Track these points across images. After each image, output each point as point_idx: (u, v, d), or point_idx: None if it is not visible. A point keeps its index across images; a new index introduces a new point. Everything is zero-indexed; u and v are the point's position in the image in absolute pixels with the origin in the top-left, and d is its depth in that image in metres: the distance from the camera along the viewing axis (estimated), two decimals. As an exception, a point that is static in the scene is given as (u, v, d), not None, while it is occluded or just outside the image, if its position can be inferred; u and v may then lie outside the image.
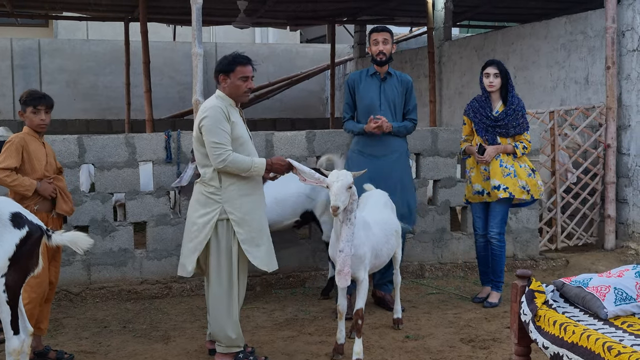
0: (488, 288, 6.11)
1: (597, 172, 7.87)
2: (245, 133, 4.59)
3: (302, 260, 6.61)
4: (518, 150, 5.83)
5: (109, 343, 5.20)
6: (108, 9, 12.76)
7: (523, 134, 5.87)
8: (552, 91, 9.01)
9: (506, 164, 5.81)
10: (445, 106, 11.75)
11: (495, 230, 5.93)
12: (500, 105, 5.87)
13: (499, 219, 5.92)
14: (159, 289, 6.36)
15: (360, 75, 5.93)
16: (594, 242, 7.99)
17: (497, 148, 5.82)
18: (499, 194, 5.78)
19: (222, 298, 4.56)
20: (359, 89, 5.85)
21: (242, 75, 4.54)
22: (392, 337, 5.25)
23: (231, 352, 4.61)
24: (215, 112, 4.43)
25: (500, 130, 5.85)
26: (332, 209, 4.30)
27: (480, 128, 5.92)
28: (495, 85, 5.82)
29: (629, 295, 3.54)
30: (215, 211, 4.48)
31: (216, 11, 12.77)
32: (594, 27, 8.29)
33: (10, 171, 4.56)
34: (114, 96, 15.69)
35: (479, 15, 14.18)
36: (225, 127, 4.42)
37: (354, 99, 5.90)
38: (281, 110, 16.85)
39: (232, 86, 4.55)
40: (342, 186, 4.33)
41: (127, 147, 6.30)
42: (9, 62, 15.98)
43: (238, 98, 4.61)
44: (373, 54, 5.83)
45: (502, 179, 5.79)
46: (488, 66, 5.88)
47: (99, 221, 6.28)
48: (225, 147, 4.39)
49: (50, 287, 4.75)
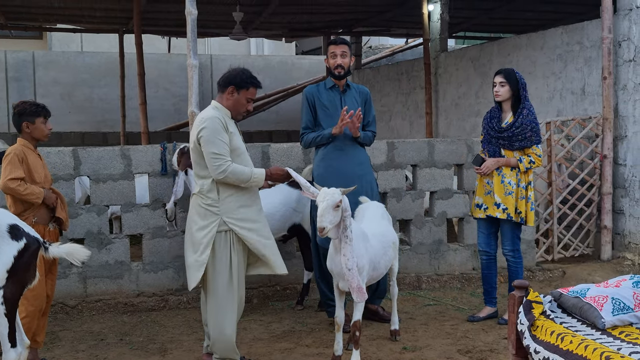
0: (489, 308, 5.93)
1: (594, 183, 7.88)
2: (242, 145, 4.60)
3: (299, 272, 6.58)
4: (522, 164, 5.59)
5: (106, 356, 5.17)
6: (102, 20, 12.80)
7: (532, 148, 5.62)
8: (548, 102, 9.03)
9: (509, 180, 5.63)
10: (442, 118, 11.76)
11: (508, 247, 5.75)
12: (510, 116, 5.66)
13: (509, 235, 5.72)
14: (155, 302, 6.33)
15: (317, 88, 5.67)
16: (591, 253, 7.98)
17: (498, 161, 5.65)
18: (497, 214, 5.67)
19: (219, 309, 4.54)
20: (319, 102, 5.60)
21: (250, 96, 4.58)
22: (389, 348, 5.23)
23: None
24: (214, 123, 4.42)
25: (503, 142, 5.65)
26: (318, 230, 4.27)
27: (485, 139, 5.81)
28: (502, 94, 5.64)
29: (626, 305, 3.54)
30: (214, 223, 4.47)
31: (211, 23, 12.82)
32: (591, 38, 8.31)
33: (20, 181, 4.57)
34: (109, 108, 15.68)
35: (474, 26, 14.25)
36: (223, 137, 4.42)
37: (314, 113, 5.63)
38: (277, 122, 16.85)
39: (237, 102, 4.56)
40: (328, 206, 4.25)
41: (122, 159, 6.28)
42: (3, 75, 15.95)
43: (236, 115, 4.62)
44: (331, 67, 5.60)
45: (503, 197, 5.64)
46: (495, 75, 5.73)
47: (95, 234, 6.26)
48: (225, 158, 4.39)
49: (46, 300, 4.73)
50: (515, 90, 5.64)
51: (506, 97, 5.66)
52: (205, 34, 14.49)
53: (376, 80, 14.43)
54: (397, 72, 13.65)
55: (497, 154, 5.71)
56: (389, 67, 14.12)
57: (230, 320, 4.55)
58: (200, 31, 13.73)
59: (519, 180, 5.64)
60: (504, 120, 5.72)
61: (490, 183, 5.74)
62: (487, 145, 5.79)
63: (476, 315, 5.95)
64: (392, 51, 16.04)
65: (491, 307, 5.94)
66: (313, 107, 5.63)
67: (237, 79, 4.54)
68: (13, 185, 4.54)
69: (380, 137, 13.88)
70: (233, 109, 4.58)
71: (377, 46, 17.68)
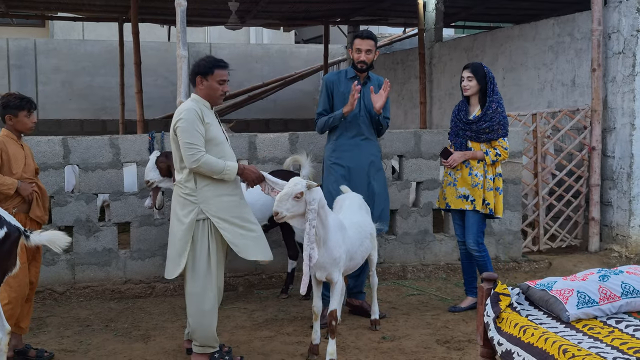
0: (470, 299, 5.99)
1: (582, 175, 7.92)
2: (220, 134, 4.66)
3: (286, 261, 6.65)
4: (488, 157, 5.68)
5: (90, 342, 5.27)
6: (102, 9, 12.82)
7: (498, 140, 5.71)
8: (539, 93, 9.05)
9: (476, 172, 5.71)
10: (436, 107, 11.79)
11: (471, 239, 5.80)
12: (477, 109, 5.75)
13: (475, 228, 5.79)
14: (142, 289, 6.42)
15: (338, 76, 5.71)
16: (578, 245, 8.04)
17: (465, 154, 5.73)
18: (465, 206, 5.74)
19: (198, 297, 4.62)
20: (337, 90, 5.65)
21: (219, 79, 4.63)
22: (368, 338, 5.30)
23: (206, 352, 4.66)
24: (190, 114, 4.50)
25: (470, 134, 5.73)
26: (273, 212, 4.38)
27: (452, 131, 5.90)
28: (470, 88, 5.72)
29: (591, 298, 3.59)
30: (193, 212, 4.55)
31: (208, 12, 12.82)
32: (581, 29, 8.33)
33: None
34: (109, 96, 15.74)
35: (472, 16, 14.22)
36: (199, 128, 4.50)
37: (332, 101, 5.69)
38: (275, 111, 16.89)
39: (209, 89, 4.63)
40: (286, 194, 4.36)
41: (111, 148, 6.36)
42: (5, 62, 16.02)
43: (214, 101, 4.69)
44: (355, 60, 5.64)
45: (470, 188, 5.72)
46: (463, 69, 5.82)
47: (83, 221, 6.35)
48: (199, 148, 4.47)
49: (30, 287, 4.81)
50: (482, 84, 5.72)
51: (474, 91, 5.75)
52: (202, 22, 14.51)
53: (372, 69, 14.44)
54: (392, 61, 13.67)
55: (463, 146, 5.80)
56: (384, 57, 14.14)
57: (209, 308, 4.62)
58: (197, 20, 13.81)
59: (485, 172, 5.72)
60: (471, 113, 5.81)
61: (452, 174, 5.82)
62: (454, 138, 5.88)
63: (457, 305, 6.02)
64: (390, 40, 16.02)
65: (473, 297, 5.99)
66: (331, 94, 5.67)
67: (201, 68, 4.63)
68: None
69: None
70: (209, 97, 4.66)
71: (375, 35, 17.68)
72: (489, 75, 5.76)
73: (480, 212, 5.73)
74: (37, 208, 4.82)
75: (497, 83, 5.88)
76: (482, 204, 5.70)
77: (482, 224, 5.84)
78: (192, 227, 4.56)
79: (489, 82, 5.73)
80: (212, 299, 4.64)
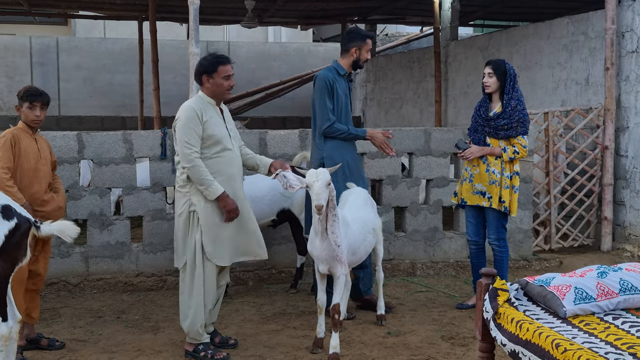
0: None
1: (595, 174, 7.90)
2: (220, 131, 4.73)
3: (295, 256, 6.72)
4: (505, 154, 5.63)
5: (101, 332, 5.39)
6: (122, 8, 13.00)
7: (517, 138, 5.66)
8: (553, 92, 9.04)
9: (494, 169, 5.69)
10: (451, 106, 11.80)
11: (493, 236, 5.80)
12: (498, 106, 5.72)
13: (494, 224, 5.78)
14: (154, 282, 6.54)
15: (333, 75, 5.63)
16: (591, 244, 8.02)
17: (483, 149, 5.70)
18: (483, 202, 5.73)
19: (185, 289, 4.77)
20: (335, 89, 5.59)
21: (224, 74, 4.72)
22: (374, 332, 5.36)
23: (192, 342, 4.82)
24: (188, 112, 4.63)
25: (489, 130, 5.70)
26: (316, 208, 4.40)
27: (472, 127, 5.90)
28: (490, 85, 5.69)
29: (589, 294, 3.60)
30: (186, 204, 4.70)
31: (227, 10, 12.95)
32: (595, 28, 8.30)
33: (11, 174, 4.69)
34: (129, 93, 15.94)
35: (490, 14, 14.20)
36: (196, 127, 4.60)
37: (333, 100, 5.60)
38: (292, 109, 16.98)
39: (215, 85, 4.73)
40: (322, 185, 4.41)
41: (124, 144, 6.47)
42: (27, 60, 16.29)
43: (221, 96, 4.79)
44: (361, 59, 5.68)
45: (487, 185, 5.70)
46: (485, 66, 5.80)
47: (97, 215, 6.47)
48: (194, 148, 4.59)
49: (39, 278, 4.92)
50: (502, 81, 5.68)
51: (495, 88, 5.72)
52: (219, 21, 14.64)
53: (389, 67, 14.49)
54: (409, 60, 13.69)
55: (481, 142, 5.77)
56: (401, 55, 14.17)
57: (195, 303, 4.73)
58: (214, 18, 13.95)
59: (503, 170, 5.69)
60: (492, 109, 5.77)
61: (469, 170, 5.81)
62: (473, 134, 5.86)
63: (465, 302, 6.05)
64: (408, 39, 16.04)
65: None
66: (332, 94, 5.59)
67: (205, 67, 4.74)
68: (3, 174, 4.65)
69: (392, 124, 13.97)
70: (217, 94, 4.77)
71: (393, 34, 17.70)
72: (510, 72, 5.68)
73: (497, 209, 5.71)
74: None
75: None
76: (498, 202, 5.69)
77: (503, 220, 5.80)
78: (187, 218, 4.70)
79: (508, 79, 5.67)
80: (198, 294, 4.73)
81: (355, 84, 16.41)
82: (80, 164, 6.59)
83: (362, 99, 16.06)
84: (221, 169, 4.72)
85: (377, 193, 7.19)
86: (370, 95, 15.54)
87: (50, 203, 4.96)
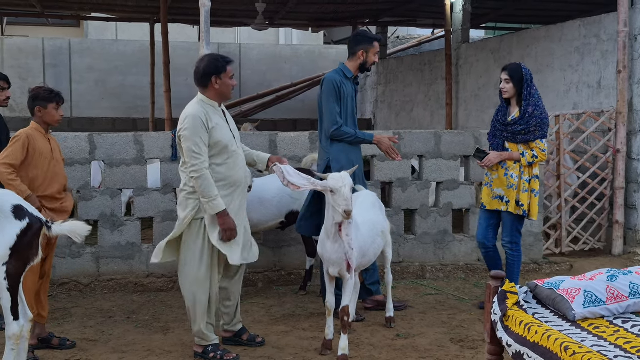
0: None
1: (606, 177, 7.87)
2: (225, 136, 4.70)
3: (304, 258, 6.73)
4: (524, 158, 5.63)
5: (111, 332, 5.42)
6: (134, 10, 13.09)
7: (535, 142, 5.63)
8: (565, 95, 9.01)
9: (512, 173, 5.69)
10: (462, 109, 11.78)
11: (506, 239, 5.80)
12: (517, 111, 5.70)
13: (509, 227, 5.78)
14: (164, 283, 6.56)
15: (340, 77, 5.63)
16: (602, 248, 7.98)
17: (502, 155, 5.70)
18: (501, 207, 5.73)
19: (189, 294, 4.79)
20: (342, 92, 5.59)
21: (231, 74, 4.76)
22: (382, 335, 5.36)
23: (201, 344, 4.85)
24: (193, 121, 4.58)
25: (507, 135, 5.70)
26: (346, 213, 4.42)
27: (491, 132, 5.90)
28: (508, 91, 5.68)
29: (598, 298, 3.59)
30: (193, 210, 4.67)
31: (239, 12, 13.00)
32: (607, 31, 8.27)
33: (13, 169, 4.72)
34: (140, 95, 16.04)
35: (502, 17, 14.18)
36: (203, 136, 4.57)
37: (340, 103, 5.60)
38: (302, 111, 17.01)
39: (224, 85, 4.73)
40: (350, 189, 4.49)
41: (135, 145, 6.51)
42: (40, 61, 16.43)
43: (227, 97, 4.82)
44: (369, 62, 5.67)
45: (505, 189, 5.70)
46: (501, 71, 5.78)
47: (108, 216, 6.51)
48: (202, 158, 4.56)
49: (45, 279, 4.97)
50: (519, 87, 5.66)
51: (512, 93, 5.70)
52: (231, 23, 14.69)
53: (400, 70, 14.48)
54: (420, 62, 13.68)
55: (500, 147, 5.77)
56: (412, 58, 14.17)
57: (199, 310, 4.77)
58: (226, 20, 14.00)
59: (521, 173, 5.68)
60: (510, 114, 5.76)
61: (490, 175, 5.81)
62: (492, 139, 5.87)
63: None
64: (419, 42, 16.04)
65: None
66: (339, 96, 5.58)
67: (214, 68, 4.69)
68: (3, 169, 4.69)
69: (403, 127, 13.97)
70: (223, 95, 4.76)
71: (404, 36, 17.70)
72: (526, 77, 5.65)
73: (514, 213, 5.70)
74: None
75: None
76: (515, 205, 5.68)
77: (518, 223, 5.79)
78: (186, 223, 4.70)
79: (525, 85, 5.64)
80: (202, 301, 4.76)
81: (366, 87, 16.43)
82: (91, 165, 6.61)
83: (372, 102, 16.07)
84: (227, 175, 4.71)
85: (387, 196, 7.20)
86: (381, 98, 15.54)
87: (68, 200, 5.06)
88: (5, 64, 16.13)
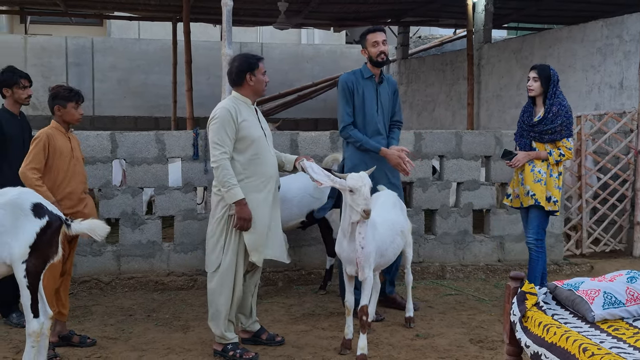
0: None
1: (627, 178, 7.80)
2: (255, 132, 4.75)
3: (324, 257, 6.75)
4: (551, 157, 5.67)
5: (132, 330, 5.47)
6: (156, 9, 13.17)
7: (562, 141, 5.68)
8: (587, 95, 8.94)
9: (539, 169, 5.71)
10: (483, 109, 11.73)
11: (531, 236, 5.81)
12: (542, 111, 5.72)
13: (535, 224, 5.79)
14: (184, 281, 6.61)
15: (355, 77, 5.60)
16: (623, 249, 7.92)
17: (529, 154, 5.73)
18: (528, 201, 5.76)
19: (213, 293, 4.82)
20: (357, 92, 5.56)
21: (263, 71, 4.82)
22: (402, 335, 5.36)
23: (221, 342, 4.87)
24: (223, 113, 4.65)
25: (534, 135, 5.74)
26: (365, 213, 4.44)
27: (518, 132, 5.93)
28: (534, 89, 5.70)
29: (618, 299, 3.57)
30: (225, 207, 4.71)
31: (261, 12, 13.04)
32: (630, 31, 8.20)
33: (40, 175, 4.76)
34: (162, 94, 16.13)
35: (524, 17, 14.09)
36: (230, 129, 4.62)
37: (353, 103, 5.59)
38: (324, 110, 17.03)
39: (258, 82, 4.80)
40: (369, 188, 4.52)
41: (157, 144, 6.56)
42: (63, 60, 16.58)
43: (260, 93, 4.89)
44: (373, 56, 5.55)
45: (532, 184, 5.72)
46: (530, 70, 5.81)
47: (129, 214, 6.57)
48: (224, 149, 4.61)
49: (66, 277, 5.03)
50: (545, 87, 5.69)
51: (538, 92, 5.73)
52: (253, 22, 14.73)
53: (421, 70, 14.44)
54: (441, 62, 13.64)
55: (527, 146, 5.80)
56: (434, 58, 14.12)
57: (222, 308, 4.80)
58: (248, 20, 14.04)
59: (550, 170, 5.71)
60: (536, 114, 5.78)
61: (521, 174, 5.83)
62: (519, 139, 5.89)
63: None
64: (441, 41, 15.98)
65: None
66: (351, 96, 5.57)
67: (247, 65, 4.77)
68: (31, 174, 4.73)
69: (424, 127, 13.93)
70: (257, 91, 4.84)
71: (426, 36, 17.64)
72: (553, 78, 5.69)
73: (546, 209, 5.70)
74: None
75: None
76: (546, 201, 5.69)
77: (543, 220, 5.81)
78: (220, 222, 4.74)
79: (551, 85, 5.68)
80: (225, 298, 4.79)
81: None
82: (113, 163, 6.67)
83: (394, 101, 16.02)
84: (258, 171, 4.74)
85: (407, 195, 7.19)
86: (403, 98, 15.50)
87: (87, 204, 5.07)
88: (28, 62, 16.31)
